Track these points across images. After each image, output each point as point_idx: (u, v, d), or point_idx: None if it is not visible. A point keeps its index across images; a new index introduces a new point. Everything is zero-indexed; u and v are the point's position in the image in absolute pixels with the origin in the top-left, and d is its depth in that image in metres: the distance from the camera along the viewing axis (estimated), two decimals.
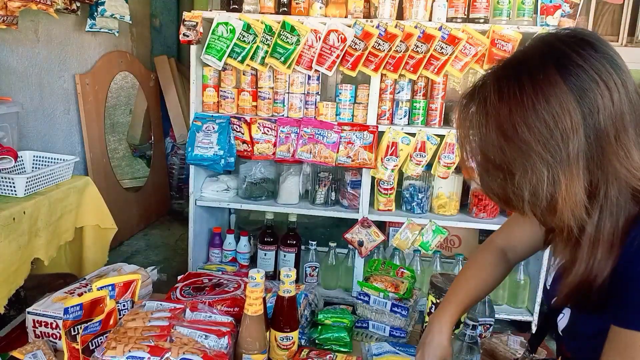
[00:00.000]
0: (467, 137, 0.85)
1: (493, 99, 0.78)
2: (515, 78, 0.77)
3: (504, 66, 0.80)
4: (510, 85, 0.77)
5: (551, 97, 0.73)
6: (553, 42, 0.78)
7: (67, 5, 2.52)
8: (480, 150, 0.83)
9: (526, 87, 0.75)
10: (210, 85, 2.60)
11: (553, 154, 0.74)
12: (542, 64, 0.76)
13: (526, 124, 0.74)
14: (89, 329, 1.07)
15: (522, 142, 0.75)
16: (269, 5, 2.50)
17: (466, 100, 0.86)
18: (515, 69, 0.78)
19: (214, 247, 2.74)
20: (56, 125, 2.88)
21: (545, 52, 0.77)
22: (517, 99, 0.75)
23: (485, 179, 0.85)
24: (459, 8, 2.41)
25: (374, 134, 2.48)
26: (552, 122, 0.73)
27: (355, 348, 1.33)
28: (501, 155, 0.78)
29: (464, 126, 0.85)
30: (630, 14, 4.23)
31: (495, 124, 0.78)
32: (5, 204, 1.69)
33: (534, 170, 0.76)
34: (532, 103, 0.74)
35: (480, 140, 0.82)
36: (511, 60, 0.80)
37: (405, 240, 2.57)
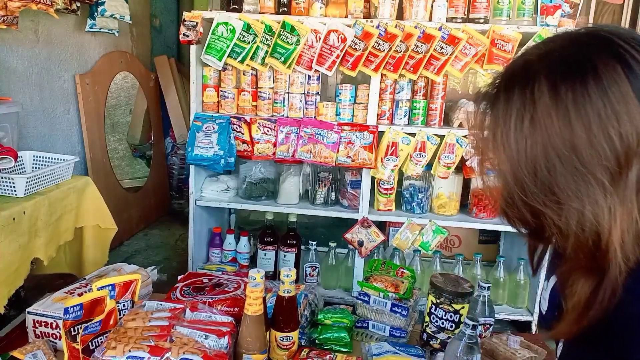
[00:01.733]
0: (495, 151, 0.68)
1: (547, 103, 0.62)
2: (580, 80, 0.61)
3: (560, 61, 0.64)
4: (572, 88, 0.61)
5: (620, 108, 0.59)
6: (614, 41, 0.63)
7: (67, 5, 2.52)
8: (513, 170, 0.66)
9: (592, 93, 0.60)
10: (210, 85, 2.60)
11: (613, 178, 0.61)
12: (608, 65, 0.61)
13: (589, 140, 0.60)
14: (89, 329, 1.07)
15: (579, 162, 0.61)
16: (269, 5, 2.50)
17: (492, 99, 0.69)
18: (578, 67, 0.62)
19: (214, 247, 2.74)
20: (56, 125, 2.88)
21: (610, 52, 0.62)
22: (581, 107, 0.60)
23: (512, 205, 0.69)
24: (459, 8, 2.41)
25: (374, 134, 2.48)
26: (619, 139, 0.60)
27: (355, 348, 1.33)
28: (547, 177, 0.63)
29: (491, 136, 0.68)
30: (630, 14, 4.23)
31: (547, 138, 0.62)
32: (5, 204, 1.69)
33: (588, 198, 0.62)
34: (599, 114, 0.60)
35: (518, 157, 0.65)
36: (566, 54, 0.64)
37: (405, 240, 2.57)
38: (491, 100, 0.69)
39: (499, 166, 0.69)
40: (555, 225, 0.65)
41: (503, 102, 0.67)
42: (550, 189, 0.64)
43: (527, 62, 0.67)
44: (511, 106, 0.65)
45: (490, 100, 0.69)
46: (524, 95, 0.64)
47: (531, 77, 0.64)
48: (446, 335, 1.32)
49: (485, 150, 0.71)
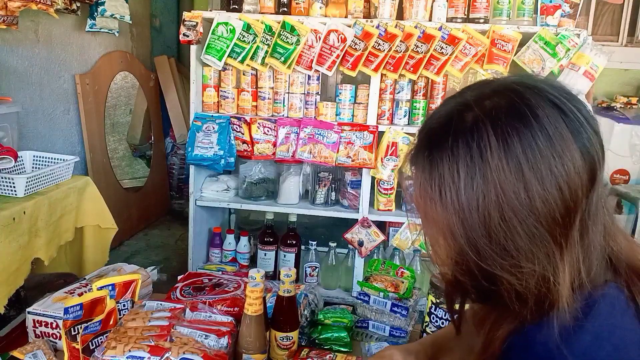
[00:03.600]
0: (444, 213, 0.62)
1: (498, 156, 0.58)
2: (526, 130, 0.58)
3: (501, 111, 0.60)
4: (520, 139, 0.58)
5: (565, 158, 0.58)
6: (547, 90, 0.62)
7: (67, 5, 2.52)
8: (466, 232, 0.61)
9: (540, 144, 0.57)
10: (210, 85, 2.60)
11: (564, 232, 0.59)
12: (549, 114, 0.59)
13: (543, 193, 0.57)
14: (89, 328, 1.07)
15: (535, 218, 0.58)
16: (269, 5, 2.50)
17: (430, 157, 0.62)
18: (521, 117, 0.59)
19: (214, 247, 2.74)
20: (56, 125, 2.88)
21: (547, 101, 0.60)
22: (531, 160, 0.57)
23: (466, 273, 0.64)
24: (459, 8, 2.41)
25: (374, 134, 2.48)
26: (567, 189, 0.58)
27: (355, 348, 1.33)
28: (503, 238, 0.59)
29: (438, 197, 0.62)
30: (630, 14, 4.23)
31: (501, 194, 0.58)
32: (5, 204, 1.69)
33: (546, 258, 0.59)
34: (549, 165, 0.57)
35: (471, 217, 0.60)
36: (506, 104, 0.61)
37: (405, 240, 2.57)
38: (430, 158, 0.63)
39: (450, 230, 0.62)
40: (513, 290, 0.62)
41: (447, 158, 0.60)
42: (507, 251, 0.60)
43: (463, 110, 0.62)
44: (458, 162, 0.60)
45: (429, 157, 0.63)
46: (471, 149, 0.59)
47: (474, 127, 0.60)
48: None
49: (430, 212, 0.64)
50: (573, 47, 2.29)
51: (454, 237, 0.62)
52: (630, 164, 3.82)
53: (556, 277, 0.60)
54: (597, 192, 0.61)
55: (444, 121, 0.64)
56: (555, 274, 0.60)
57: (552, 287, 0.60)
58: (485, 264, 0.61)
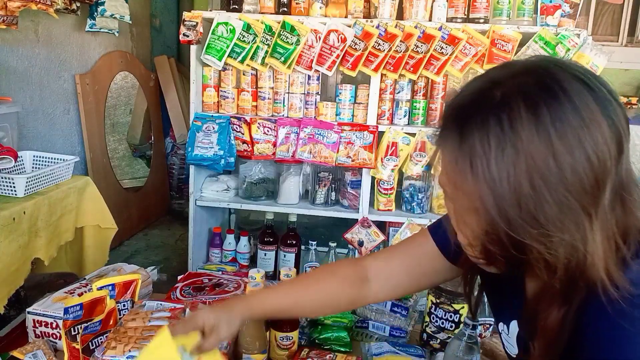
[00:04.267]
0: (475, 183, 0.63)
1: (528, 127, 0.59)
2: (555, 101, 0.60)
3: (531, 84, 0.62)
4: (549, 110, 0.59)
5: (594, 128, 0.60)
6: (571, 66, 0.64)
7: (67, 5, 2.52)
8: (496, 202, 0.62)
9: (569, 115, 0.59)
10: (210, 85, 2.60)
11: (594, 202, 0.60)
12: (575, 87, 0.61)
13: (572, 163, 0.59)
14: (89, 328, 1.07)
15: (565, 187, 0.59)
16: (269, 5, 2.50)
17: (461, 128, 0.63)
18: (550, 90, 0.61)
19: (214, 247, 2.74)
20: (56, 125, 2.88)
21: (572, 75, 0.62)
22: (560, 130, 0.59)
23: (496, 242, 0.65)
24: (459, 8, 2.41)
25: (374, 134, 2.48)
26: (596, 159, 0.59)
27: (355, 348, 1.33)
28: (534, 207, 0.60)
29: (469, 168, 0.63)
30: (630, 14, 4.23)
31: (532, 164, 0.59)
32: (5, 204, 1.69)
33: (576, 227, 0.60)
34: (578, 135, 0.59)
35: (501, 187, 0.61)
36: (534, 78, 0.62)
37: None
38: (461, 130, 0.63)
39: (481, 201, 0.63)
40: (542, 259, 0.63)
41: (478, 131, 0.62)
42: (537, 220, 0.61)
43: (493, 85, 0.64)
44: (488, 133, 0.61)
45: (460, 130, 0.63)
46: (502, 121, 0.60)
47: (504, 100, 0.61)
48: (446, 335, 1.32)
49: (461, 184, 0.65)
50: (573, 47, 2.29)
51: (485, 208, 0.63)
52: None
53: (586, 247, 0.61)
54: (625, 162, 0.63)
55: (473, 97, 0.65)
56: (585, 244, 0.61)
57: (582, 258, 0.61)
58: (515, 233, 0.62)
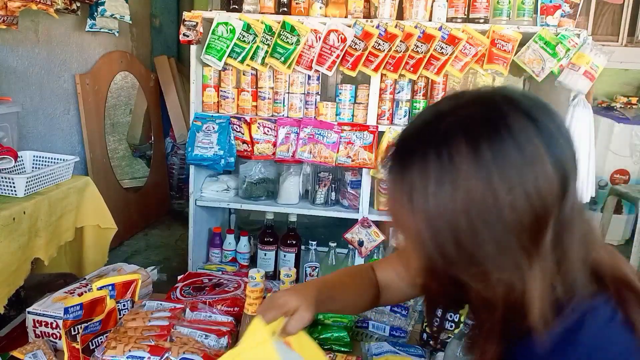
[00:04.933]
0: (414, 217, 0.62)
1: (468, 163, 0.58)
2: (497, 138, 0.58)
3: (474, 119, 0.60)
4: (491, 147, 0.58)
5: (536, 166, 0.58)
6: (522, 101, 0.62)
7: (67, 5, 2.52)
8: (434, 238, 0.61)
9: (511, 152, 0.57)
10: (210, 85, 2.60)
11: (534, 242, 0.59)
12: (521, 123, 0.59)
13: (512, 202, 0.57)
14: (89, 328, 1.07)
15: (503, 226, 0.58)
16: (269, 5, 2.50)
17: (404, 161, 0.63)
18: (493, 126, 0.59)
19: (214, 247, 2.74)
20: (56, 125, 2.88)
21: (520, 111, 0.60)
22: (501, 168, 0.57)
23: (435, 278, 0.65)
24: (459, 8, 2.41)
25: (374, 134, 2.48)
26: (537, 198, 0.58)
27: (355, 348, 1.33)
28: (471, 245, 0.59)
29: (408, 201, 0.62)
30: (630, 14, 4.23)
31: (470, 201, 0.58)
32: (5, 204, 1.69)
33: (514, 267, 0.59)
34: (519, 173, 0.57)
35: (439, 223, 0.60)
36: (478, 113, 0.61)
37: None
38: (403, 163, 0.63)
39: (418, 235, 0.62)
40: (481, 297, 0.62)
41: (418, 164, 0.61)
42: (475, 258, 0.60)
43: (438, 118, 0.63)
44: (428, 168, 0.60)
45: (402, 162, 0.63)
46: (441, 156, 0.59)
47: (446, 134, 0.60)
48: (446, 335, 1.32)
49: (401, 218, 0.64)
50: (573, 47, 2.29)
51: (422, 243, 0.62)
52: (631, 164, 3.82)
53: (525, 287, 0.59)
54: (570, 201, 0.61)
55: (418, 128, 0.65)
56: (524, 284, 0.59)
57: (521, 298, 0.60)
58: (452, 270, 0.62)
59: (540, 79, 2.36)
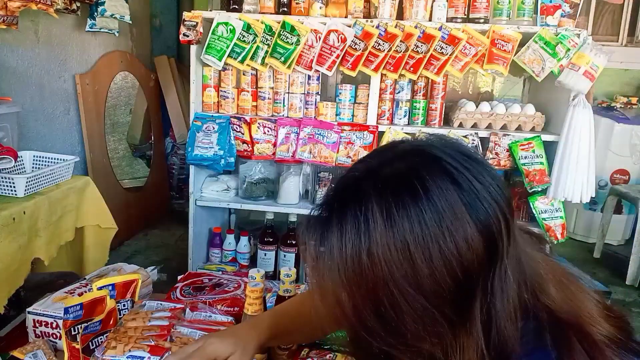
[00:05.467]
0: (334, 287, 0.59)
1: (382, 233, 0.55)
2: (413, 203, 0.55)
3: (388, 181, 0.57)
4: (406, 214, 0.55)
5: (456, 230, 0.55)
6: (440, 157, 0.59)
7: (67, 5, 2.52)
8: (355, 309, 0.58)
9: (428, 218, 0.55)
10: (210, 85, 2.60)
11: (459, 311, 0.56)
12: (437, 182, 0.56)
13: (431, 272, 0.55)
14: (89, 328, 1.07)
15: (425, 298, 0.55)
16: (269, 5, 2.50)
17: (325, 225, 0.59)
18: (408, 188, 0.56)
19: (214, 247, 2.74)
20: (56, 125, 2.88)
21: (437, 168, 0.58)
22: (418, 236, 0.55)
23: (361, 348, 0.64)
24: (459, 8, 2.41)
25: (374, 134, 2.48)
26: (459, 266, 0.55)
27: None
28: (393, 318, 0.57)
29: (328, 271, 0.59)
30: (630, 14, 4.23)
31: (388, 274, 0.55)
32: (5, 204, 1.69)
33: (437, 337, 0.57)
34: (437, 241, 0.55)
35: (360, 295, 0.57)
36: (394, 172, 0.58)
37: None
38: (321, 228, 0.60)
39: (338, 305, 0.60)
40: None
41: (336, 232, 0.58)
42: (397, 330, 0.57)
43: (356, 179, 0.60)
44: (345, 236, 0.57)
45: (321, 228, 0.60)
46: (358, 222, 0.56)
47: (362, 199, 0.57)
48: None
49: (322, 283, 0.61)
50: (573, 47, 2.29)
51: (343, 313, 0.60)
52: (630, 164, 3.82)
53: (451, 357, 0.57)
54: (501, 263, 0.57)
55: (341, 189, 0.62)
56: (449, 353, 0.57)
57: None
58: (375, 341, 0.59)
59: (540, 79, 2.36)
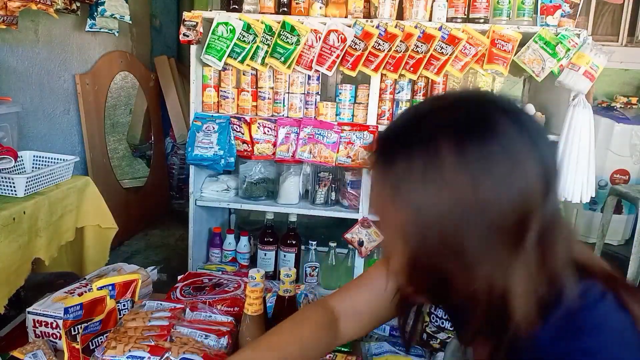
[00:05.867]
0: (399, 210, 0.62)
1: (453, 162, 0.59)
2: (483, 137, 0.60)
3: (459, 118, 0.62)
4: (477, 145, 0.59)
5: (521, 167, 0.59)
6: (502, 101, 0.64)
7: (67, 5, 2.52)
8: (419, 230, 0.62)
9: (496, 151, 0.59)
10: (210, 85, 2.60)
11: (517, 240, 0.60)
12: (505, 124, 0.60)
13: (496, 200, 0.59)
14: (89, 328, 1.07)
15: (488, 222, 0.59)
16: (269, 5, 2.50)
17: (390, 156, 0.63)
18: (478, 125, 0.61)
19: (214, 247, 2.74)
20: (56, 125, 2.88)
21: (503, 111, 0.62)
22: (486, 166, 0.59)
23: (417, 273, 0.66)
24: (459, 8, 2.41)
25: (374, 134, 2.48)
26: (521, 198, 0.59)
27: (355, 348, 1.33)
28: (455, 239, 0.60)
29: (393, 194, 0.62)
30: (630, 14, 4.23)
31: (455, 197, 0.59)
32: (5, 204, 1.69)
33: (498, 262, 0.60)
34: (503, 172, 0.59)
35: (425, 216, 0.61)
36: (463, 112, 0.62)
37: None
38: (388, 160, 0.63)
39: (403, 231, 0.63)
40: (463, 291, 0.63)
41: (404, 162, 0.62)
42: (458, 252, 0.61)
43: (422, 118, 0.64)
44: (413, 166, 0.61)
45: (387, 159, 0.64)
46: (427, 155, 0.60)
47: (432, 134, 0.61)
48: (446, 335, 1.32)
49: (386, 213, 0.65)
50: (573, 47, 2.29)
51: (407, 238, 0.63)
52: (630, 164, 3.82)
53: (508, 284, 0.60)
54: (553, 202, 0.62)
55: (403, 126, 0.65)
56: (505, 281, 0.60)
57: (502, 295, 0.61)
58: (436, 264, 0.63)
59: (540, 79, 2.36)
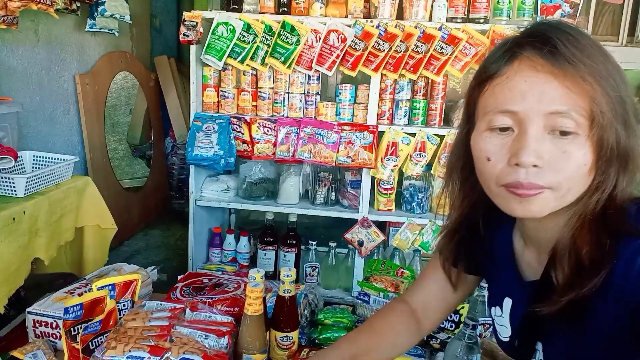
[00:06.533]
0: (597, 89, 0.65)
1: (594, 47, 0.68)
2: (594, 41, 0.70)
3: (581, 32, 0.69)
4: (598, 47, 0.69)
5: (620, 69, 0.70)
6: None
7: (67, 5, 2.52)
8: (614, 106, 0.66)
9: (608, 54, 0.70)
10: (210, 85, 2.60)
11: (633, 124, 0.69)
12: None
13: (625, 89, 0.68)
14: (89, 328, 1.07)
15: (630, 105, 0.68)
16: (269, 5, 2.50)
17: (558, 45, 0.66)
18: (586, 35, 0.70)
19: (214, 247, 2.74)
20: (56, 125, 2.88)
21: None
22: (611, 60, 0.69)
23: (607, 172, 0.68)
24: (459, 8, 2.41)
25: (374, 134, 2.48)
26: (630, 99, 0.69)
27: None
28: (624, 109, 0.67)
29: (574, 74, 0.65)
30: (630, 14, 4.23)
31: (613, 87, 0.66)
32: (5, 204, 1.69)
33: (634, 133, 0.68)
34: (621, 72, 0.70)
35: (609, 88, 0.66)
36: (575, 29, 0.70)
37: (405, 240, 2.57)
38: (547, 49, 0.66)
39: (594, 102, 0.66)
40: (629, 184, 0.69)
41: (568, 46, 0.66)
42: (629, 124, 0.68)
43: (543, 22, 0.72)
44: (576, 43, 0.66)
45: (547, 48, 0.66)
46: (592, 43, 0.68)
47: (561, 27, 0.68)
48: (446, 335, 1.32)
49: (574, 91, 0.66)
50: None
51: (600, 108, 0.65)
52: None
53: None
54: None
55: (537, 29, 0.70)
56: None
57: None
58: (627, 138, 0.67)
59: None
